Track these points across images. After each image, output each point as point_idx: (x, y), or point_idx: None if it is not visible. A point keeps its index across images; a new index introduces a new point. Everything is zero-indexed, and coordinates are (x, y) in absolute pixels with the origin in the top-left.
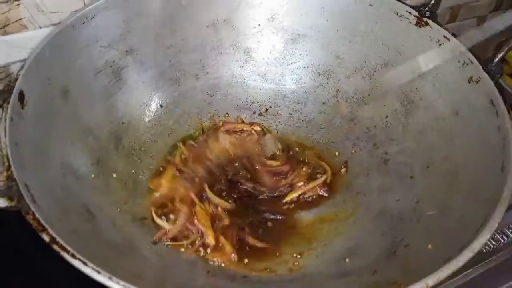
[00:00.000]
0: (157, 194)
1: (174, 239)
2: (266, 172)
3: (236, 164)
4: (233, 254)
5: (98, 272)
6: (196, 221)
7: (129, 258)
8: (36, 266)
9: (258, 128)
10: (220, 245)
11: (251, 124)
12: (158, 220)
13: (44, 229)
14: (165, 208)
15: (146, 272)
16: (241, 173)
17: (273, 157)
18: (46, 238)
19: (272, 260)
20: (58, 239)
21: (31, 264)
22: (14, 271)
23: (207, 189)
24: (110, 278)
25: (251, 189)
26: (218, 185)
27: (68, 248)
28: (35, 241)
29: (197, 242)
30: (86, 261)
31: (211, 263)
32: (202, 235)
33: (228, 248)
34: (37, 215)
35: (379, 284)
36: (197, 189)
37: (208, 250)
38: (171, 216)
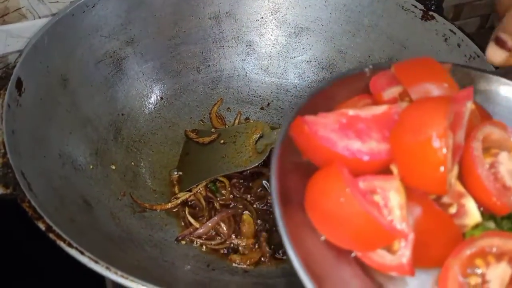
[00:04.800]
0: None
1: (198, 237)
2: None
3: None
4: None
5: (96, 262)
6: (223, 227)
7: (127, 250)
8: (30, 256)
9: None
10: (248, 251)
11: None
12: (191, 219)
13: (40, 217)
14: (195, 207)
15: (145, 265)
16: None
17: None
18: (42, 226)
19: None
20: (54, 227)
21: (25, 255)
22: (8, 262)
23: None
24: (108, 268)
25: None
26: None
27: (65, 236)
28: (29, 231)
29: (222, 244)
30: (83, 250)
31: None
32: (232, 240)
33: (258, 254)
34: (33, 203)
35: None
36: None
37: (235, 253)
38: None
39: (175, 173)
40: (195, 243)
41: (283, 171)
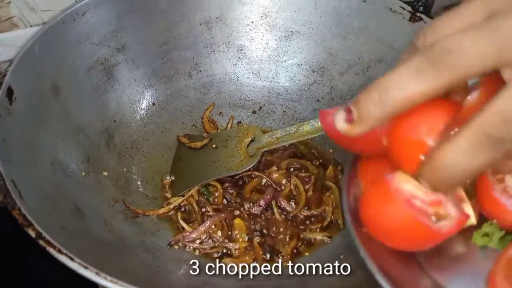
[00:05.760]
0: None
1: (191, 242)
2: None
3: None
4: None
5: (86, 268)
6: (215, 231)
7: (120, 256)
8: (23, 263)
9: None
10: (241, 254)
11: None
12: (183, 224)
13: (30, 224)
14: (187, 212)
15: (138, 270)
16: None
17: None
18: (32, 233)
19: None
20: (44, 234)
21: (19, 262)
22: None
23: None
24: (97, 273)
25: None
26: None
27: (55, 243)
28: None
29: (215, 247)
30: (72, 256)
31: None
32: (224, 244)
33: (251, 258)
34: (23, 210)
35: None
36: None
37: (226, 257)
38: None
39: (168, 178)
40: (187, 247)
41: (352, 194)
